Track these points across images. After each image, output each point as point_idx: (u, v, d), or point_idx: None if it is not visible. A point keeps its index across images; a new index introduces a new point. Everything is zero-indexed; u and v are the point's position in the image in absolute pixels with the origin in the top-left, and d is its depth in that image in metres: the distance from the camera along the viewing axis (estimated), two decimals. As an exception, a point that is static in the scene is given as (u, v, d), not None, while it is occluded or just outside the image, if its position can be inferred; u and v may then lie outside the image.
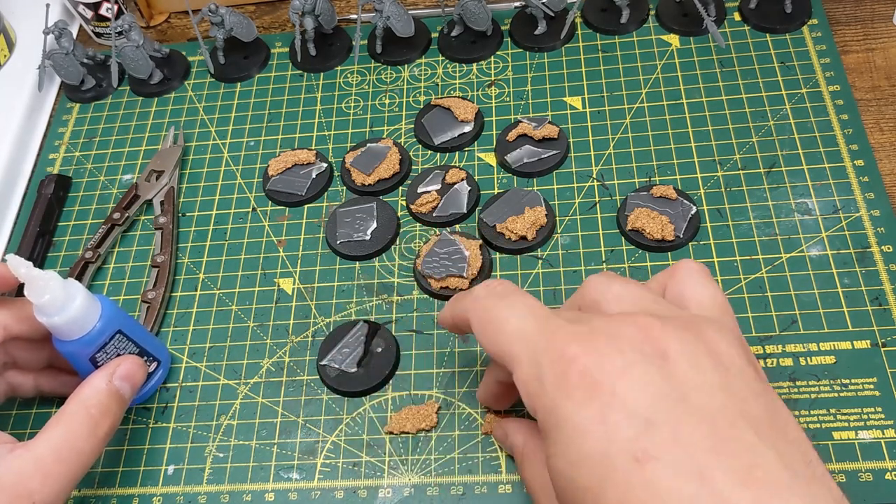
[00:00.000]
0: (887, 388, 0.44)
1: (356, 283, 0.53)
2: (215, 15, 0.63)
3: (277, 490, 0.46)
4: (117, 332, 0.44)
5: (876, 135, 0.53)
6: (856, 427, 0.43)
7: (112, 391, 0.42)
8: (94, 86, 0.67)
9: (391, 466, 0.46)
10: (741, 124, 0.55)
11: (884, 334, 0.46)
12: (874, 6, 0.60)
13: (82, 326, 0.42)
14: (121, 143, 0.63)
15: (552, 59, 0.62)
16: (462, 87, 0.62)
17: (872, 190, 0.51)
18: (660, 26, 0.62)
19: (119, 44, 0.64)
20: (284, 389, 0.49)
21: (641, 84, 0.59)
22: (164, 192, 0.59)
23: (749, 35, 0.59)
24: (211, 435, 0.48)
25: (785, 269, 0.49)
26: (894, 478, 0.41)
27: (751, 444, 0.27)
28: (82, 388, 0.42)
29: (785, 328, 0.47)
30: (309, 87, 0.64)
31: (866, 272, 0.48)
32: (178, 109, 0.65)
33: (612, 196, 0.54)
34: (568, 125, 0.57)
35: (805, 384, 0.45)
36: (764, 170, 0.53)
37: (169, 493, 0.46)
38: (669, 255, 0.50)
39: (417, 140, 0.59)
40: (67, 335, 0.42)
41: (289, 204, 0.57)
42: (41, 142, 0.66)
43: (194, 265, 0.56)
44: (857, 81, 0.56)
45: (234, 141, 0.62)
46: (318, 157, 0.59)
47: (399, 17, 0.62)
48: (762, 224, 0.51)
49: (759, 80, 0.57)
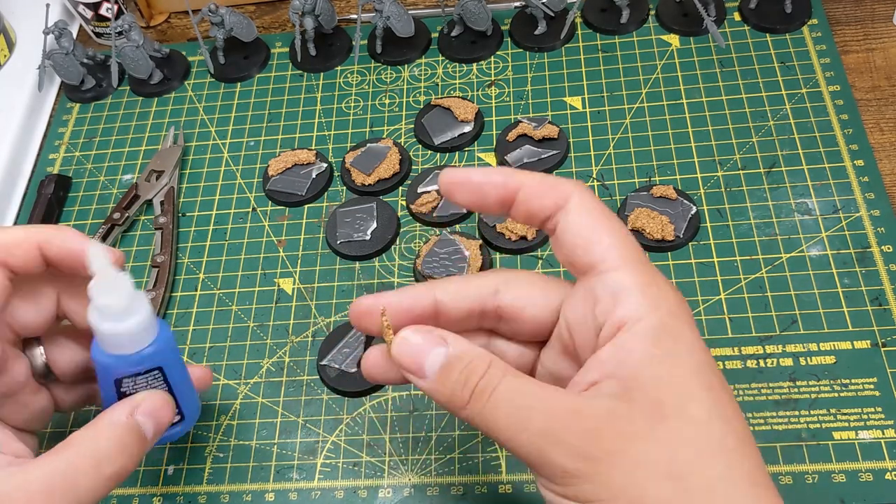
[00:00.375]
0: (887, 388, 0.44)
1: (356, 283, 0.53)
2: (215, 15, 0.63)
3: (277, 490, 0.46)
4: (157, 368, 0.38)
5: (876, 135, 0.53)
6: (856, 427, 0.43)
7: (131, 427, 0.36)
8: (94, 86, 0.67)
9: (391, 466, 0.46)
10: (741, 124, 0.55)
11: (884, 334, 0.46)
12: (874, 6, 0.60)
13: (129, 344, 0.37)
14: (121, 143, 0.63)
15: (552, 59, 0.62)
16: (462, 87, 0.62)
17: (872, 190, 0.51)
18: (660, 26, 0.62)
19: (119, 44, 0.64)
20: (284, 389, 0.49)
21: (641, 84, 0.59)
22: (164, 192, 0.59)
23: (749, 35, 0.59)
24: (211, 435, 0.48)
25: (785, 269, 0.49)
26: (894, 478, 0.41)
27: None
28: (100, 417, 0.36)
29: (785, 328, 0.47)
30: (309, 87, 0.64)
31: (866, 272, 0.48)
32: (178, 109, 0.65)
33: (612, 196, 0.54)
34: (568, 125, 0.57)
35: (805, 384, 0.45)
36: (764, 170, 0.53)
37: (169, 493, 0.46)
38: (669, 254, 0.50)
39: (417, 140, 0.59)
40: (110, 346, 0.37)
41: (289, 204, 0.57)
42: (41, 142, 0.66)
43: (194, 265, 0.56)
44: (857, 81, 0.56)
45: (234, 141, 0.62)
46: (318, 157, 0.59)
47: (399, 17, 0.62)
48: (762, 224, 0.51)
49: (759, 80, 0.57)
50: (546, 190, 0.32)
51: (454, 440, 0.46)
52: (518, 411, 0.29)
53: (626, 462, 0.28)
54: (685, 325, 0.30)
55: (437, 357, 0.31)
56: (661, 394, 0.29)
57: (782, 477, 0.42)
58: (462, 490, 0.44)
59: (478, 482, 0.44)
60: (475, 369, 0.30)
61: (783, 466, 0.42)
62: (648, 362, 0.29)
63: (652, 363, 0.29)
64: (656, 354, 0.29)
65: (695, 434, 0.28)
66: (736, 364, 0.46)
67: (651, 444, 0.28)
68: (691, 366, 0.29)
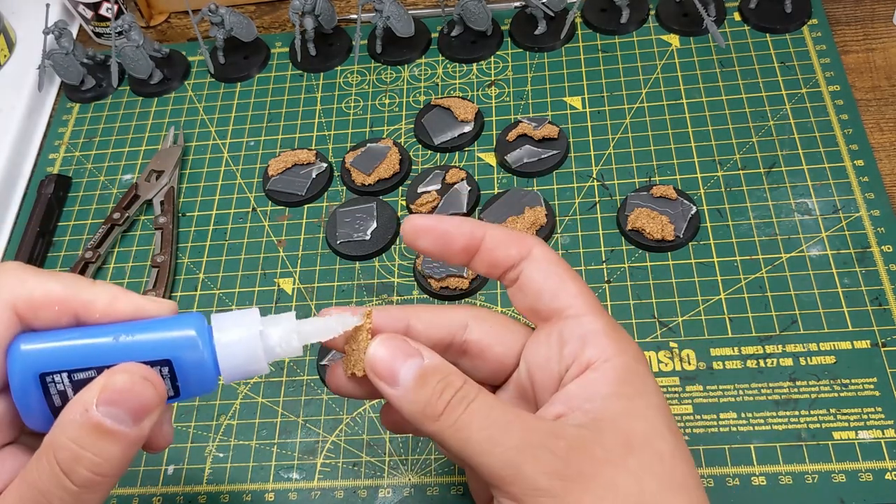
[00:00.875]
0: (887, 388, 0.44)
1: (356, 283, 0.53)
2: (215, 15, 0.63)
3: (277, 490, 0.46)
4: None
5: (876, 135, 0.53)
6: (856, 427, 0.43)
7: (92, 425, 0.28)
8: (94, 86, 0.67)
9: (391, 466, 0.46)
10: (741, 124, 0.55)
11: (884, 334, 0.45)
12: (874, 6, 0.60)
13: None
14: (121, 143, 0.63)
15: (552, 59, 0.62)
16: (462, 87, 0.62)
17: (872, 190, 0.51)
18: (660, 26, 0.62)
19: (119, 44, 0.64)
20: (284, 389, 0.49)
21: (641, 84, 0.59)
22: (164, 192, 0.59)
23: (749, 35, 0.59)
24: (211, 435, 0.48)
25: (785, 269, 0.49)
26: (894, 478, 0.41)
27: None
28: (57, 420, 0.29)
29: (785, 328, 0.47)
30: (309, 87, 0.64)
31: (866, 272, 0.48)
32: (178, 109, 0.65)
33: (612, 196, 0.54)
34: (568, 125, 0.57)
35: (805, 384, 0.45)
36: (764, 170, 0.53)
37: (169, 493, 0.46)
38: (669, 255, 0.50)
39: (417, 140, 0.59)
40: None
41: (289, 204, 0.57)
42: (41, 142, 0.66)
43: (194, 265, 0.56)
44: (857, 81, 0.56)
45: (234, 141, 0.62)
46: (318, 157, 0.59)
47: (399, 17, 0.62)
48: (762, 224, 0.51)
49: (759, 80, 0.57)
50: (512, 241, 0.33)
51: (454, 440, 0.46)
52: (494, 425, 0.29)
53: (598, 487, 0.28)
54: (647, 370, 0.32)
55: (412, 367, 0.30)
56: (630, 427, 0.30)
57: (782, 477, 0.42)
58: (462, 490, 0.44)
59: (478, 482, 0.44)
60: (451, 382, 0.30)
61: (783, 466, 0.42)
62: (617, 397, 0.30)
63: (620, 399, 0.30)
64: (625, 392, 0.30)
65: (660, 469, 0.29)
66: (736, 364, 0.46)
67: (621, 472, 0.29)
68: (656, 406, 0.31)
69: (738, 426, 0.44)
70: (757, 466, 0.42)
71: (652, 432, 0.30)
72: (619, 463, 0.29)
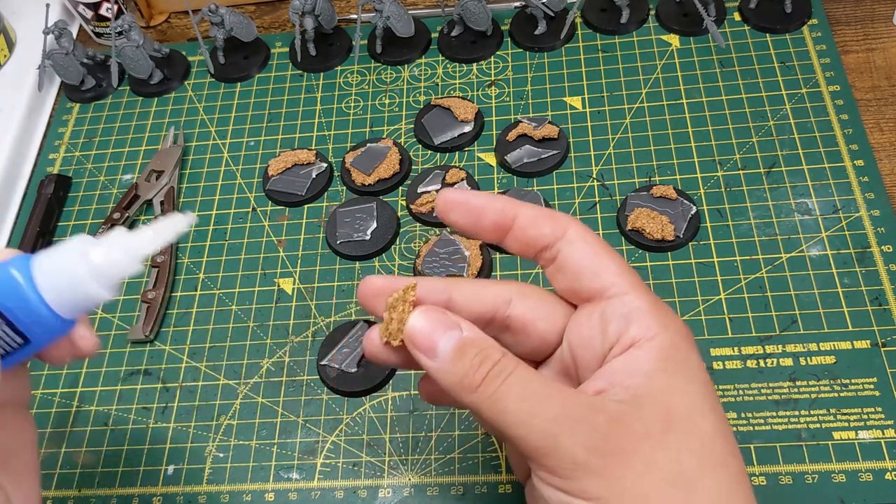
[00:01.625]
0: (887, 388, 0.44)
1: (356, 283, 0.53)
2: (215, 15, 0.63)
3: (277, 490, 0.46)
4: None
5: (876, 135, 0.53)
6: (856, 427, 0.43)
7: None
8: (94, 86, 0.67)
9: (391, 466, 0.46)
10: (741, 124, 0.55)
11: (884, 334, 0.45)
12: (874, 6, 0.60)
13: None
14: (121, 143, 0.63)
15: (552, 59, 0.62)
16: (462, 87, 0.62)
17: (872, 190, 0.51)
18: (660, 26, 0.62)
19: (119, 44, 0.64)
20: (284, 389, 0.49)
21: (641, 84, 0.59)
22: (164, 192, 0.59)
23: (749, 35, 0.59)
24: (211, 435, 0.48)
25: (785, 269, 0.49)
26: (894, 478, 0.41)
27: None
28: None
29: (785, 328, 0.47)
30: (309, 87, 0.64)
31: (866, 272, 0.48)
32: (178, 109, 0.65)
33: (612, 196, 0.54)
34: (568, 125, 0.57)
35: (805, 384, 0.45)
36: (764, 170, 0.53)
37: (169, 493, 0.46)
38: (669, 254, 0.50)
39: (417, 140, 0.59)
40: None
41: (289, 204, 0.57)
42: (41, 142, 0.66)
43: (194, 265, 0.56)
44: (857, 81, 0.56)
45: (234, 141, 0.62)
46: (318, 157, 0.59)
47: (399, 17, 0.62)
48: (762, 224, 0.51)
49: (759, 80, 0.57)
50: (545, 220, 0.33)
51: (454, 440, 0.46)
52: (532, 397, 0.29)
53: (637, 463, 0.28)
54: (692, 347, 0.31)
55: (451, 339, 0.31)
56: (671, 404, 0.29)
57: (782, 477, 0.42)
58: (462, 490, 0.44)
59: (478, 482, 0.44)
60: (490, 355, 0.30)
61: (783, 466, 0.42)
62: (660, 374, 0.30)
63: (663, 375, 0.30)
64: (668, 368, 0.30)
65: (700, 446, 0.29)
66: (736, 364, 0.46)
67: (661, 448, 0.28)
68: (699, 383, 0.30)
69: (738, 426, 0.44)
70: (757, 466, 0.42)
71: (693, 409, 0.29)
72: (658, 439, 0.28)
